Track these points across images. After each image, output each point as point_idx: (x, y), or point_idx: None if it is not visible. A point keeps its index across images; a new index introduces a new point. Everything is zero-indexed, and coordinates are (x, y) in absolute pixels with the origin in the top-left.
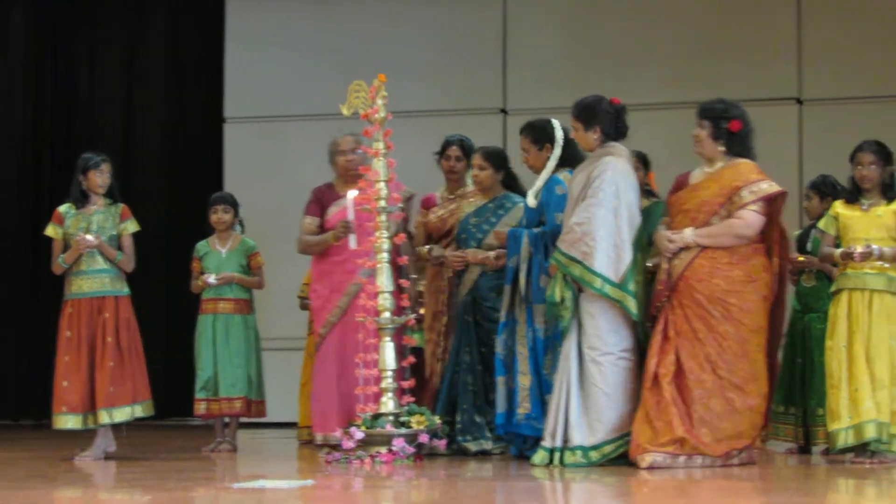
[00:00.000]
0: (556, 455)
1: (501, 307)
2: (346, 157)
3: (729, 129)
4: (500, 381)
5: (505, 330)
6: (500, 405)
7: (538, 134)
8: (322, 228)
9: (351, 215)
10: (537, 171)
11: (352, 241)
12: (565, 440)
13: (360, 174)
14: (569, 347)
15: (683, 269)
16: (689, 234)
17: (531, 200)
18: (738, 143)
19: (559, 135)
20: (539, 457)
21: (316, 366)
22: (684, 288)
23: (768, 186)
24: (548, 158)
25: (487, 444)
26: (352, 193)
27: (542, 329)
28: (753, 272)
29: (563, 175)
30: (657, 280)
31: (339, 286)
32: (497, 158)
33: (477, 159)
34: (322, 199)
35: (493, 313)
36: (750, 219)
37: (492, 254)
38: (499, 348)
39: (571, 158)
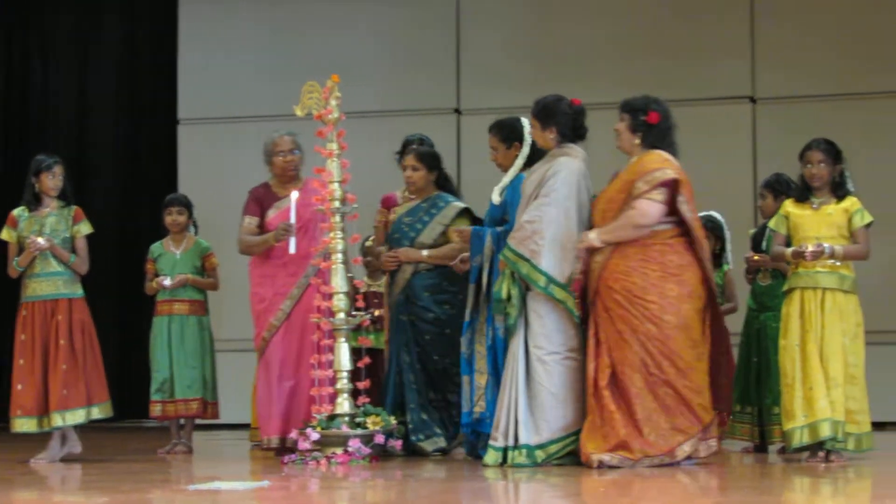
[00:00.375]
0: (509, 454)
1: (466, 306)
2: (285, 157)
3: (647, 122)
4: (465, 379)
5: (469, 329)
6: (465, 404)
7: (507, 132)
8: (262, 229)
9: (293, 218)
10: (505, 169)
11: (291, 245)
12: (516, 439)
13: (298, 175)
14: (516, 346)
15: (600, 271)
16: (592, 235)
17: (495, 197)
18: (655, 136)
19: (528, 133)
20: (491, 457)
21: (260, 370)
22: (604, 290)
23: (662, 174)
24: (516, 157)
25: (442, 442)
26: (294, 195)
27: (503, 328)
28: (670, 268)
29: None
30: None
31: (282, 289)
32: (430, 159)
33: (410, 160)
34: (261, 200)
35: (426, 312)
36: (643, 207)
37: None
38: (464, 347)
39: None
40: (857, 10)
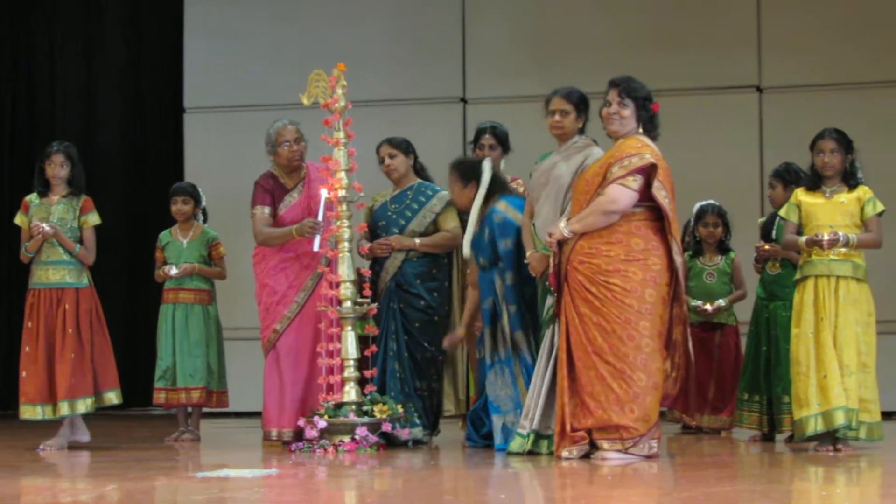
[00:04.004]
0: (532, 441)
1: (482, 348)
2: (290, 147)
3: (652, 111)
4: (494, 418)
5: (491, 371)
6: (497, 437)
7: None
8: (273, 220)
9: (321, 216)
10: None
11: (316, 243)
12: (545, 426)
13: (301, 164)
14: (552, 332)
15: (569, 254)
16: (562, 226)
17: (466, 250)
18: (655, 124)
19: (486, 176)
20: (517, 444)
21: (270, 362)
22: (571, 272)
23: (639, 159)
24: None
25: (418, 432)
26: (324, 192)
27: (529, 356)
28: (635, 251)
29: (501, 204)
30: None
31: (296, 282)
32: (403, 144)
33: (385, 149)
34: (272, 191)
35: (417, 300)
36: (613, 193)
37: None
38: (489, 390)
39: (500, 188)
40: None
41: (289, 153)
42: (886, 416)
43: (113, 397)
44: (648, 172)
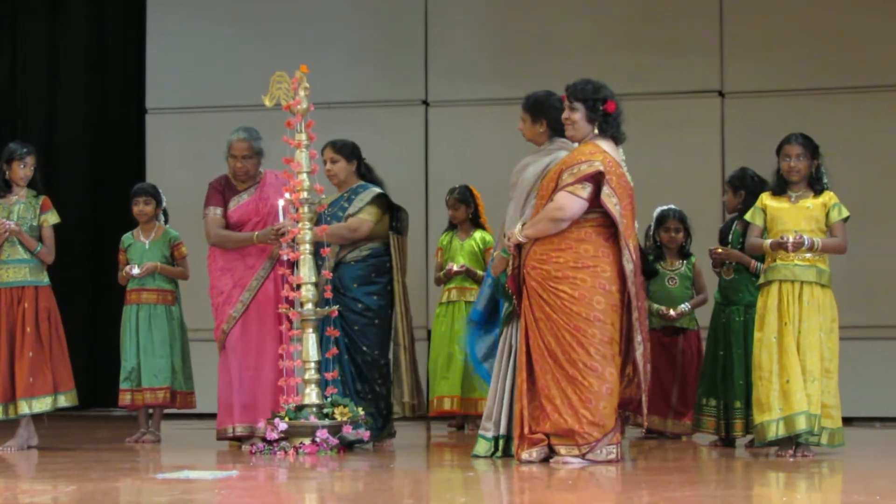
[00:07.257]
0: (500, 444)
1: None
2: (236, 162)
3: (605, 111)
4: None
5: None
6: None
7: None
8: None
9: (282, 219)
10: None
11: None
12: (508, 429)
13: (255, 174)
14: (510, 334)
15: (524, 258)
16: (516, 230)
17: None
18: (612, 124)
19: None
20: (482, 447)
21: (221, 361)
22: (526, 277)
23: (588, 167)
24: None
25: (363, 433)
26: (282, 202)
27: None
28: (585, 258)
29: None
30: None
31: (241, 282)
32: (347, 149)
33: (328, 153)
34: (223, 191)
35: (355, 304)
36: (560, 201)
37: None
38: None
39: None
40: (825, 6)
41: (234, 167)
42: (848, 421)
43: (67, 399)
44: (598, 180)
